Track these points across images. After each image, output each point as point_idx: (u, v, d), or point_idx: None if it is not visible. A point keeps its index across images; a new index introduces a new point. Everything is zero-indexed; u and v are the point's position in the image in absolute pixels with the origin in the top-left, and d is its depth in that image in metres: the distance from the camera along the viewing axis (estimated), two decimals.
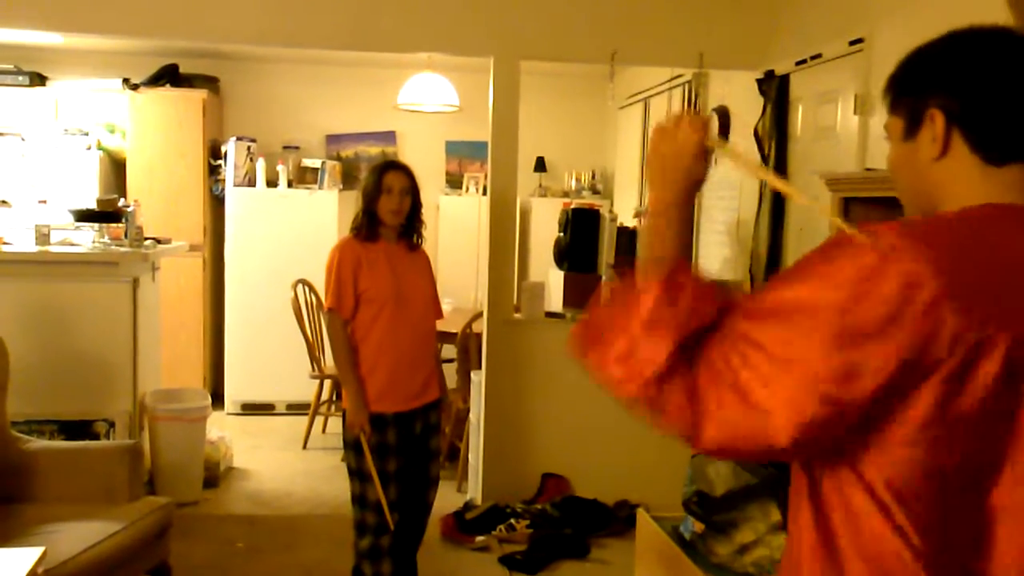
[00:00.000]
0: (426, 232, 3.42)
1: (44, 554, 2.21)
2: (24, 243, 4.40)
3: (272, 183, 6.39)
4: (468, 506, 4.42)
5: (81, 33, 5.00)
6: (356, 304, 3.18)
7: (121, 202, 4.93)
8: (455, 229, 6.92)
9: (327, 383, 5.69)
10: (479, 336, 4.77)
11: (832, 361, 0.96)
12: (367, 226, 3.22)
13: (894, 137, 1.17)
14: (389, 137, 7.14)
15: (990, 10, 2.67)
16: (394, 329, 3.19)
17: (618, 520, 4.30)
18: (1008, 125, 1.08)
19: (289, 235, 6.36)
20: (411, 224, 3.31)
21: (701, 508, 2.32)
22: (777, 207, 4.31)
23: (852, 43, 3.74)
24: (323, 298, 3.39)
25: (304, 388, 5.95)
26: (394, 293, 3.20)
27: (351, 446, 3.20)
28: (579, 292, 4.89)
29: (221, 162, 6.44)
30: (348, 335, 3.20)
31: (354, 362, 3.18)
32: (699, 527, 2.32)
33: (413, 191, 3.26)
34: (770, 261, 4.32)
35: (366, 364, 3.18)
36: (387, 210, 3.20)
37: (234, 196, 6.33)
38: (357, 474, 3.19)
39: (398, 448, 3.20)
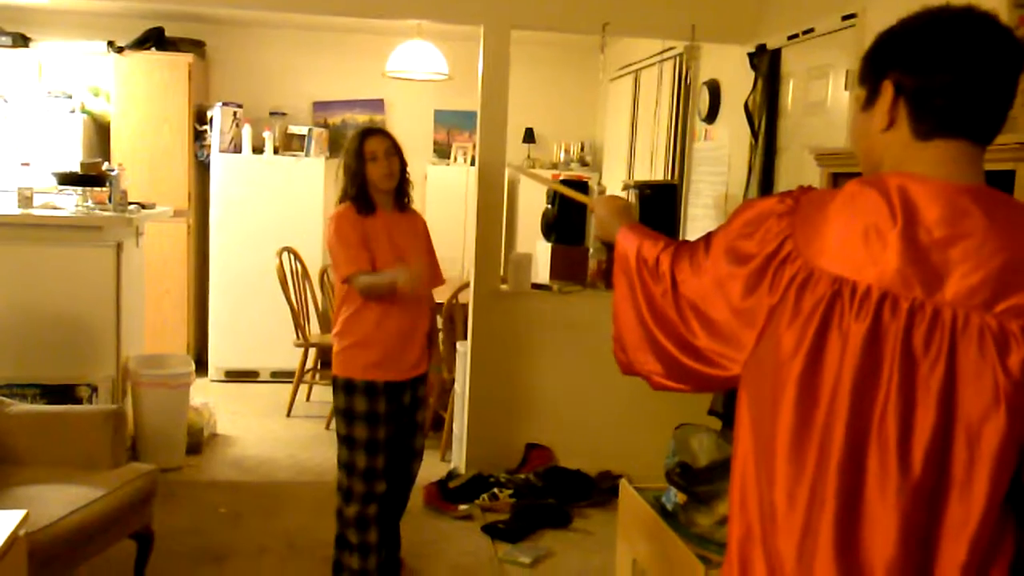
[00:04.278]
0: (414, 196, 3.37)
1: (26, 516, 2.20)
2: (6, 206, 4.35)
3: (258, 149, 6.34)
4: (452, 475, 4.44)
5: None
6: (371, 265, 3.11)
7: (105, 166, 4.87)
8: (442, 199, 6.88)
9: (312, 351, 5.68)
10: (465, 307, 4.76)
11: None
12: (362, 198, 3.17)
13: (858, 106, 1.26)
14: (377, 105, 7.08)
15: None
16: (394, 300, 3.17)
17: (601, 491, 4.33)
18: (938, 101, 1.15)
19: (275, 202, 6.32)
20: (400, 186, 3.27)
21: (683, 479, 2.32)
22: (766, 182, 4.31)
23: (845, 18, 3.72)
24: (331, 272, 3.23)
25: (288, 356, 5.94)
26: (395, 265, 3.15)
27: (343, 413, 3.18)
28: (566, 264, 4.87)
29: (207, 127, 6.37)
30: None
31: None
32: (681, 498, 2.32)
33: (398, 152, 3.22)
34: None
35: (365, 334, 3.15)
36: (379, 176, 3.14)
37: (219, 162, 6.27)
38: (347, 441, 3.17)
39: (387, 417, 3.20)
